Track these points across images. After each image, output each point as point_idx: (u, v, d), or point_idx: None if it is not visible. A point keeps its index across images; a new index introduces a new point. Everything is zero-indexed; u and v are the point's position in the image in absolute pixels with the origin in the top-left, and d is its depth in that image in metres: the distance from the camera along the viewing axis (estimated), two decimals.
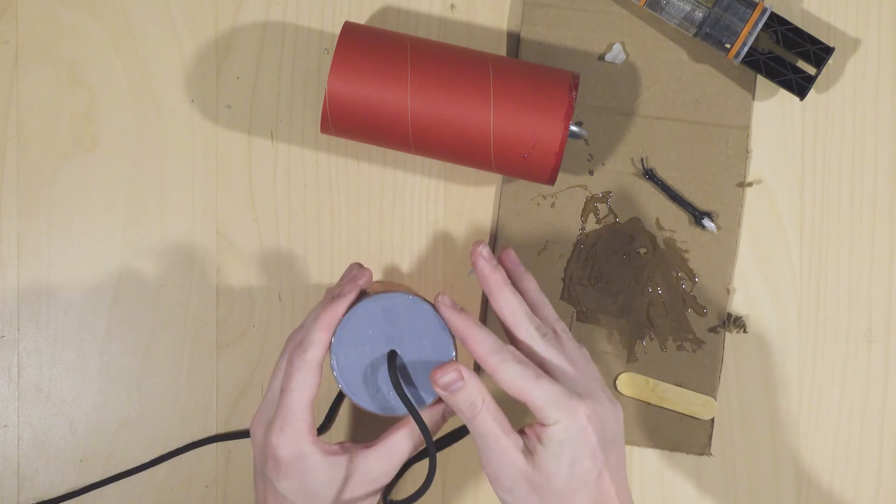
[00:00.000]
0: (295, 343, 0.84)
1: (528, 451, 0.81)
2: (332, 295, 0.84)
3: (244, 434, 0.97)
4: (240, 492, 0.97)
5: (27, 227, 0.97)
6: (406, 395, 0.81)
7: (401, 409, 0.83)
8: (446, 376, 0.80)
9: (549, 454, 0.80)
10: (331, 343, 0.83)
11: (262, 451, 0.83)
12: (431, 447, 0.81)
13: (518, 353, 0.82)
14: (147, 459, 0.97)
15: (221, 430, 0.97)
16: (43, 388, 0.97)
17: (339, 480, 0.82)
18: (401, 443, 0.83)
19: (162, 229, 0.97)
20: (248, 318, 0.97)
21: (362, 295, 0.85)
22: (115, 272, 0.97)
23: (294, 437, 0.82)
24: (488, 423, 0.80)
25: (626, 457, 0.98)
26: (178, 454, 0.96)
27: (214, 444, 0.97)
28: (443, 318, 0.83)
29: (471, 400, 0.80)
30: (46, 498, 0.97)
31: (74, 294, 0.97)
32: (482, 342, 0.81)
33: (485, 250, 0.85)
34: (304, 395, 0.82)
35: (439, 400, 0.84)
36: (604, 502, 0.81)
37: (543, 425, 0.80)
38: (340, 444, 0.85)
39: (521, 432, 0.82)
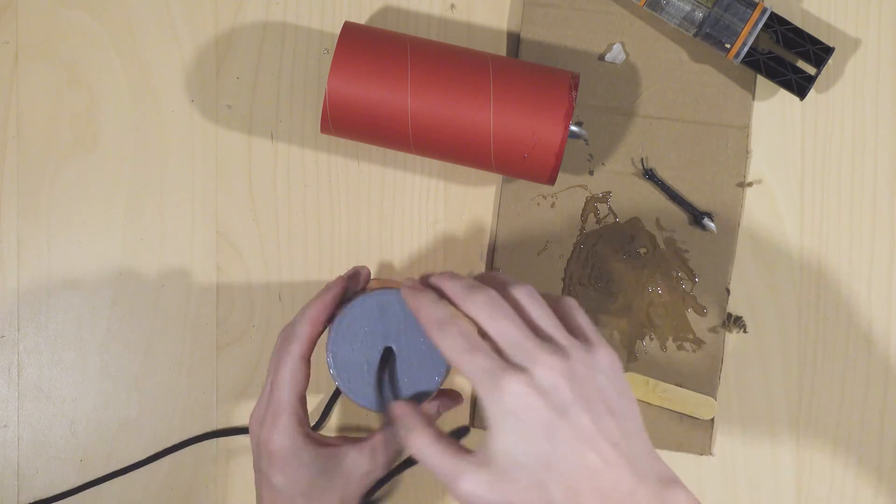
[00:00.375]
0: (282, 338, 0.84)
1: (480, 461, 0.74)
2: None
3: (243, 430, 0.97)
4: (240, 491, 0.97)
5: (27, 227, 0.97)
6: (388, 396, 0.82)
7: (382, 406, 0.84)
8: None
9: (491, 438, 0.73)
10: (327, 340, 0.83)
11: (258, 446, 0.84)
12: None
13: (465, 326, 0.75)
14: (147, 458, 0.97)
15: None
16: (43, 388, 0.97)
17: (330, 474, 0.83)
18: (391, 440, 0.84)
19: (162, 229, 0.97)
20: (248, 318, 0.97)
21: (360, 293, 0.85)
22: (115, 272, 0.97)
23: (285, 431, 0.83)
24: (431, 456, 0.76)
25: None
26: (175, 450, 0.96)
27: (214, 443, 0.97)
28: (403, 297, 0.80)
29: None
30: (46, 497, 0.97)
31: (74, 294, 0.97)
32: (429, 315, 0.76)
33: (408, 282, 0.81)
34: (293, 389, 0.83)
35: (436, 395, 0.85)
36: (592, 479, 0.73)
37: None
38: (333, 437, 0.86)
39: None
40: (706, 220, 0.96)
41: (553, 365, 0.73)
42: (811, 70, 0.95)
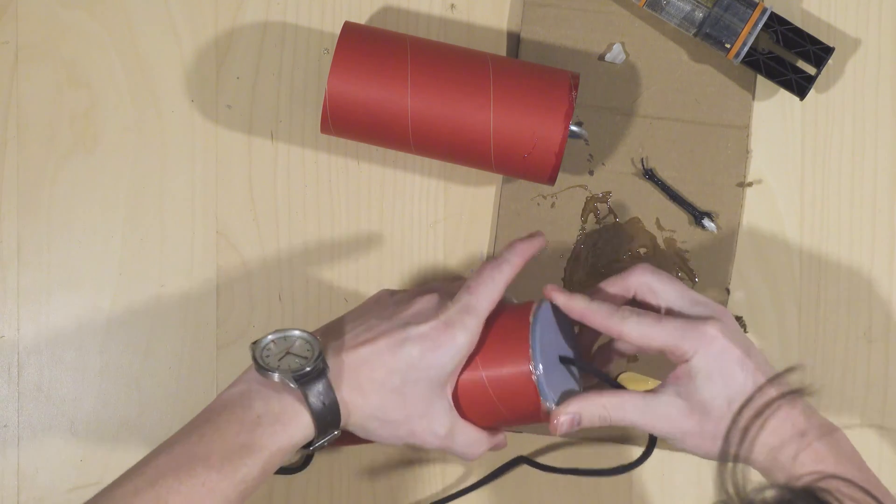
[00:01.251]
0: (492, 261, 0.86)
1: (682, 396, 0.82)
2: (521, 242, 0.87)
3: None
4: None
5: (27, 227, 0.97)
6: (598, 374, 0.87)
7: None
8: (561, 424, 0.83)
9: (700, 387, 0.82)
10: (531, 326, 0.85)
11: (428, 312, 0.84)
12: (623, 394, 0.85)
13: (633, 307, 0.84)
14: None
15: None
16: (43, 388, 0.97)
17: (433, 403, 0.84)
18: (484, 441, 0.87)
19: (162, 229, 0.97)
20: (248, 318, 0.97)
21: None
22: (115, 272, 0.97)
23: (466, 329, 0.83)
24: (637, 405, 0.83)
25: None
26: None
27: None
28: (559, 306, 0.85)
29: (602, 414, 0.84)
30: (46, 498, 0.97)
31: (74, 294, 0.97)
32: (598, 312, 0.84)
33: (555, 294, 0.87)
34: (490, 299, 0.84)
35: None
36: (765, 402, 0.82)
37: (685, 362, 0.82)
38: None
39: (665, 384, 0.84)
40: (706, 220, 0.96)
41: (726, 313, 0.85)
42: (811, 70, 0.95)
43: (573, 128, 0.91)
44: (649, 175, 0.97)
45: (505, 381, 0.84)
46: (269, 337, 0.84)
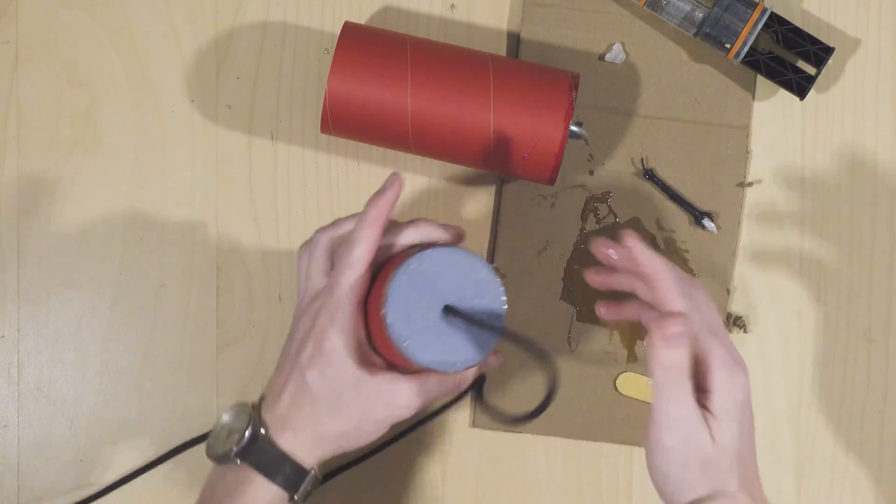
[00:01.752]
0: (334, 238, 0.83)
1: (706, 424, 0.79)
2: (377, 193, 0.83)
3: None
4: None
5: (27, 227, 0.97)
6: (489, 328, 0.78)
7: (451, 365, 0.79)
8: (676, 328, 0.77)
9: (725, 427, 0.78)
10: (385, 291, 0.79)
11: (305, 337, 0.82)
12: (547, 360, 0.76)
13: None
14: (147, 459, 0.96)
15: None
16: (43, 388, 0.97)
17: (364, 392, 0.81)
18: (438, 384, 0.82)
19: (162, 229, 0.97)
20: (248, 318, 0.97)
21: (415, 248, 0.82)
22: (115, 272, 0.97)
23: (342, 331, 0.80)
24: (681, 391, 0.78)
25: (628, 458, 0.98)
26: (176, 454, 0.96)
27: None
28: (635, 257, 0.81)
29: (680, 360, 0.78)
30: (46, 498, 0.97)
31: (74, 294, 0.97)
32: (674, 284, 0.80)
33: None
34: (355, 292, 0.81)
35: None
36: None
37: (711, 391, 0.79)
38: (380, 359, 0.83)
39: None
40: (706, 220, 0.96)
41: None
42: (811, 70, 0.95)
43: (573, 128, 0.91)
44: (649, 175, 0.97)
45: (380, 328, 0.81)
46: (220, 425, 0.84)
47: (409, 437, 0.96)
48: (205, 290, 0.97)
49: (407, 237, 0.84)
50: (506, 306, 0.80)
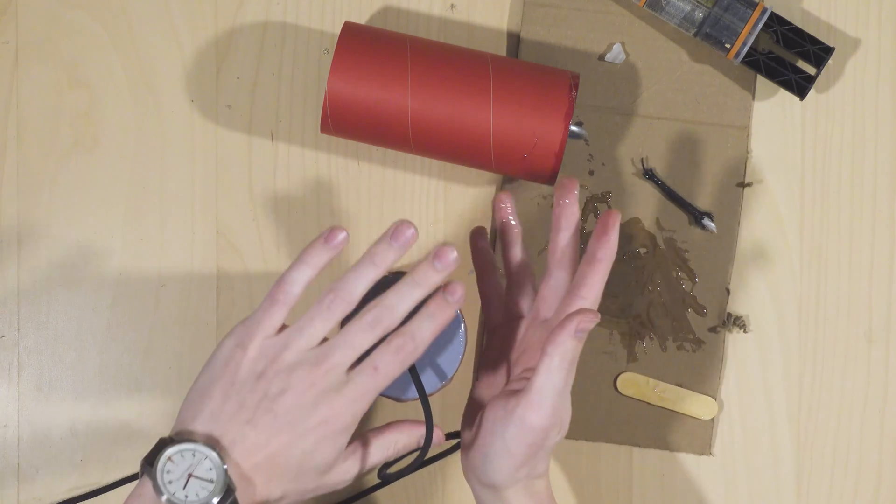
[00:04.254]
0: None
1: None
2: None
3: None
4: None
5: (27, 227, 0.97)
6: (419, 383, 0.82)
7: (405, 394, 0.86)
8: (591, 324, 0.80)
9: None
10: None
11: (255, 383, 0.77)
12: (429, 416, 0.82)
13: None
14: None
15: None
16: (43, 388, 0.97)
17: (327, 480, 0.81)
18: (370, 451, 0.82)
19: (162, 229, 0.97)
20: None
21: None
22: (115, 272, 0.97)
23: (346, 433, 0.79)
24: (562, 379, 0.81)
25: (628, 458, 0.98)
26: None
27: None
28: (606, 231, 0.84)
29: (576, 353, 0.81)
30: (46, 498, 0.97)
31: (74, 294, 0.97)
32: (594, 302, 0.83)
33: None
34: (312, 340, 0.78)
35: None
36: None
37: (521, 392, 0.81)
38: None
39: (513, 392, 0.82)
40: (706, 220, 0.96)
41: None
42: (811, 70, 0.95)
43: (573, 128, 0.91)
44: (649, 175, 0.97)
45: None
46: (168, 451, 0.75)
47: None
48: (205, 290, 0.97)
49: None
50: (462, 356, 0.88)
